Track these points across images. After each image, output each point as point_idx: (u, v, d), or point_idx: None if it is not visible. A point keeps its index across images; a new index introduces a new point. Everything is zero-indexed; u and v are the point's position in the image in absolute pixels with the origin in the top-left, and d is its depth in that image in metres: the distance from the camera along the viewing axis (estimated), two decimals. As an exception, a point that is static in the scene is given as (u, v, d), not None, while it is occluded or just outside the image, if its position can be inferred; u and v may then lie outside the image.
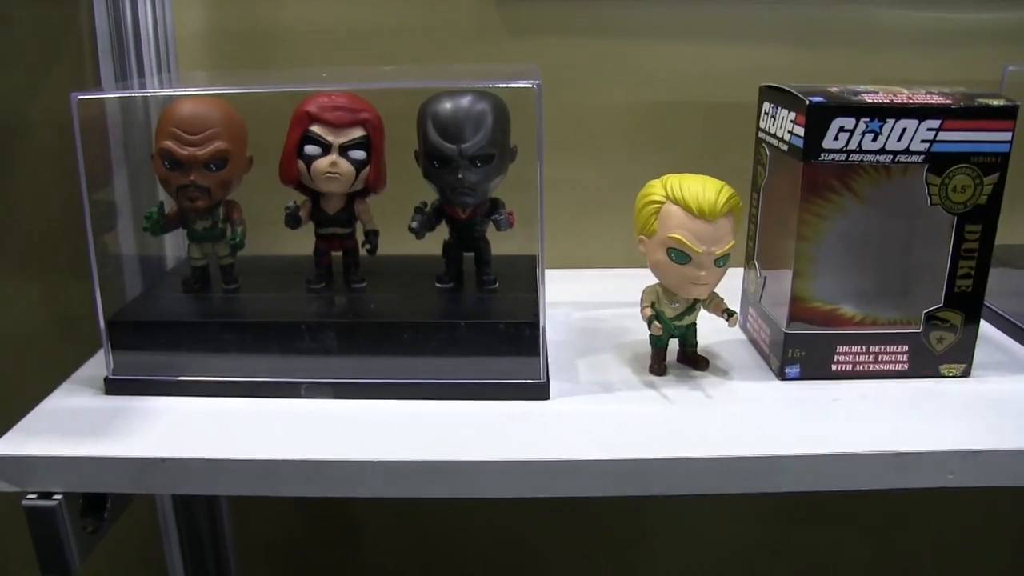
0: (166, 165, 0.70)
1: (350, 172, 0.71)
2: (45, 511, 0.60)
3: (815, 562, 1.17)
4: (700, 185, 0.66)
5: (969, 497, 1.11)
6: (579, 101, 0.94)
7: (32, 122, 0.94)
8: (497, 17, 0.91)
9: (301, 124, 0.70)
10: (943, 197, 0.66)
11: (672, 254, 0.66)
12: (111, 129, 0.79)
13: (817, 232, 0.68)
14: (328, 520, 1.14)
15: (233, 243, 0.74)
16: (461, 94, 0.69)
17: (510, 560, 1.16)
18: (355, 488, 0.60)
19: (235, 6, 0.91)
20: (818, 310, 0.69)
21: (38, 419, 0.65)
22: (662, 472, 0.60)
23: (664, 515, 1.13)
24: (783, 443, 0.61)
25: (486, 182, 0.70)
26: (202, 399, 0.68)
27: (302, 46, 0.92)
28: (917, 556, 1.16)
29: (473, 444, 0.61)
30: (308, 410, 0.67)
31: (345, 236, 0.75)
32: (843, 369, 0.70)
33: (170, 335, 0.69)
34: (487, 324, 0.68)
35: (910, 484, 0.60)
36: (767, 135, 0.73)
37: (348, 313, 0.72)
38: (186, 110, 0.69)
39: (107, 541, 1.04)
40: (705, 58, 0.93)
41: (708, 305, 0.70)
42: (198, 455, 0.60)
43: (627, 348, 0.76)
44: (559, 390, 0.69)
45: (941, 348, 0.70)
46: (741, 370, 0.73)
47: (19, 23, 0.91)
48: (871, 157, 0.65)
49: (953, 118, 0.64)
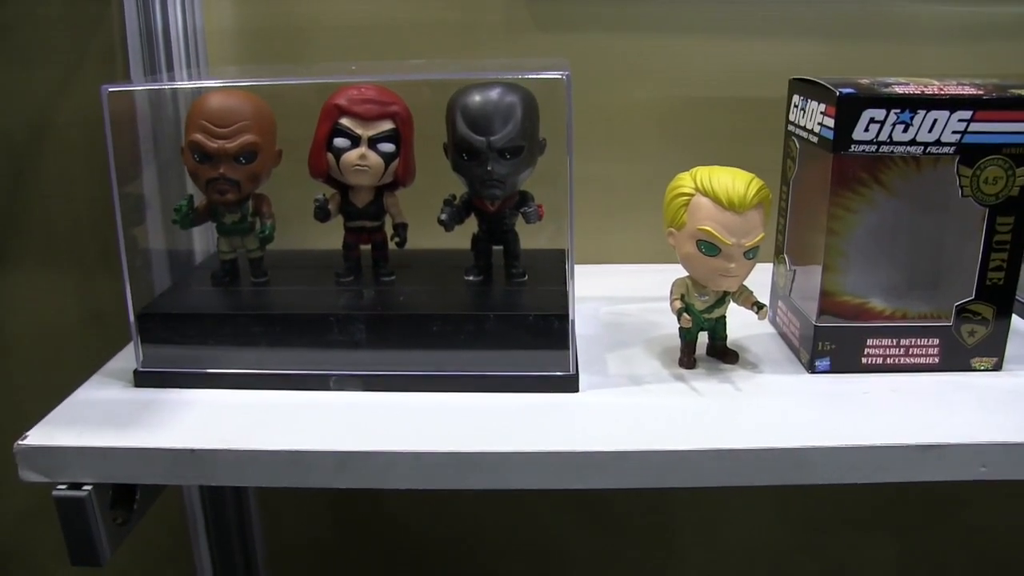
0: (195, 158, 0.70)
1: (379, 165, 0.71)
2: (75, 502, 0.61)
3: (841, 562, 1.16)
4: (730, 177, 0.66)
5: (998, 496, 1.10)
6: (609, 97, 0.94)
7: (63, 118, 0.95)
8: (527, 13, 0.91)
9: (330, 117, 0.70)
10: (975, 189, 0.65)
11: (702, 246, 0.66)
12: (141, 124, 0.79)
13: (847, 225, 0.67)
14: (356, 519, 1.14)
15: (262, 236, 0.74)
16: (490, 86, 0.69)
17: (535, 558, 1.16)
18: (383, 480, 0.60)
19: (264, 2, 0.92)
20: (848, 304, 0.69)
21: (68, 411, 0.66)
22: (690, 464, 0.60)
23: (689, 513, 1.12)
24: (811, 435, 0.60)
25: (515, 175, 0.70)
26: (231, 391, 0.68)
27: (331, 42, 0.92)
28: (944, 555, 1.15)
29: (502, 436, 0.61)
30: (337, 402, 0.67)
31: (374, 229, 0.75)
32: (873, 362, 0.70)
33: (199, 328, 0.70)
34: (516, 316, 0.68)
35: (941, 477, 0.60)
36: (797, 128, 0.73)
37: (377, 305, 0.73)
38: (215, 103, 0.69)
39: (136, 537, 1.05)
40: (736, 53, 0.93)
41: (738, 298, 0.70)
42: (226, 446, 0.60)
43: (656, 342, 0.76)
44: (588, 383, 0.69)
45: (972, 341, 0.69)
46: (771, 363, 0.72)
47: (51, 21, 0.92)
48: (901, 149, 0.65)
49: (985, 109, 0.64)
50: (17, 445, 0.61)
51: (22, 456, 0.61)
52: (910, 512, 1.12)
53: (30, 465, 0.61)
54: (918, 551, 1.15)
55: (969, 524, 1.13)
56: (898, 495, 1.11)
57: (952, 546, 1.15)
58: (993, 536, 1.14)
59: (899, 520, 1.13)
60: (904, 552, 1.15)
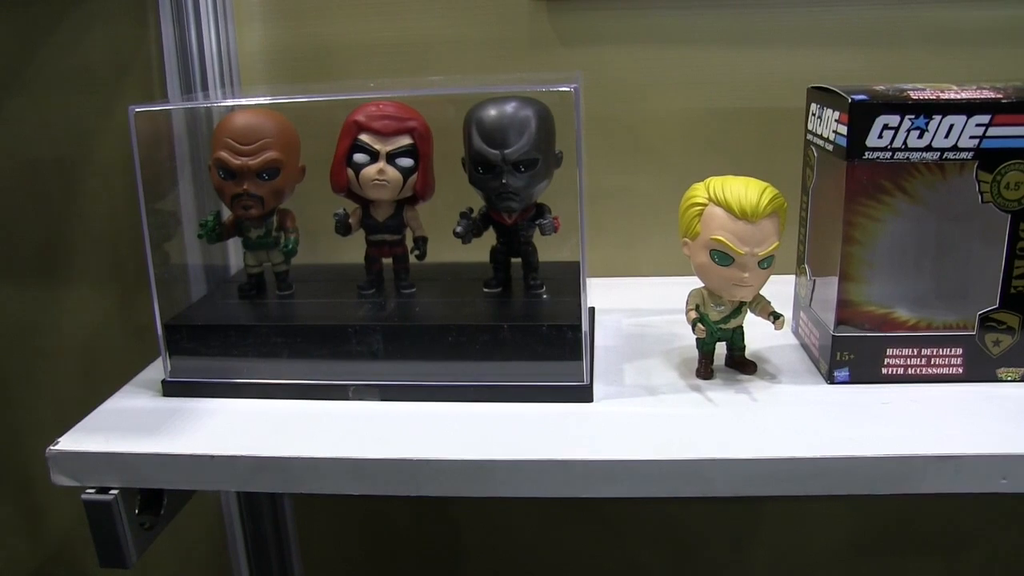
0: (221, 175, 0.72)
1: (397, 179, 0.72)
2: (102, 505, 0.63)
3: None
4: (743, 186, 0.66)
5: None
6: (632, 109, 0.95)
7: (105, 138, 0.98)
8: (549, 28, 0.92)
9: (350, 133, 0.72)
10: (995, 194, 0.64)
11: (715, 256, 0.66)
12: (178, 143, 0.82)
13: (869, 235, 0.66)
14: (390, 534, 1.15)
15: (286, 250, 0.76)
16: (505, 100, 0.70)
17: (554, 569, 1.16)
18: (399, 487, 0.61)
19: (295, 24, 0.94)
20: (872, 314, 0.68)
21: (97, 419, 0.68)
22: (701, 473, 0.59)
23: (713, 528, 1.11)
24: (825, 445, 0.60)
25: (530, 187, 0.71)
26: (254, 401, 0.70)
27: (359, 60, 0.94)
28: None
29: (515, 444, 0.62)
30: (356, 411, 0.68)
31: (394, 243, 0.76)
32: (894, 372, 0.69)
33: (224, 339, 0.71)
34: (530, 327, 0.69)
35: (960, 489, 0.59)
36: (814, 136, 0.72)
37: (394, 317, 0.74)
38: (239, 121, 0.72)
39: (176, 544, 1.07)
40: (760, 63, 0.93)
41: (755, 308, 0.70)
42: (245, 453, 0.62)
43: (675, 353, 0.76)
44: (604, 392, 0.69)
45: (998, 351, 0.68)
46: (790, 374, 0.72)
47: (92, 43, 0.95)
48: (917, 155, 0.64)
49: (1004, 112, 0.63)
50: (49, 450, 0.64)
51: (53, 461, 0.64)
52: (948, 532, 1.09)
53: (60, 469, 0.64)
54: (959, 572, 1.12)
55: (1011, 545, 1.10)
56: (936, 516, 1.09)
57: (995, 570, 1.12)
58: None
59: (937, 542, 1.10)
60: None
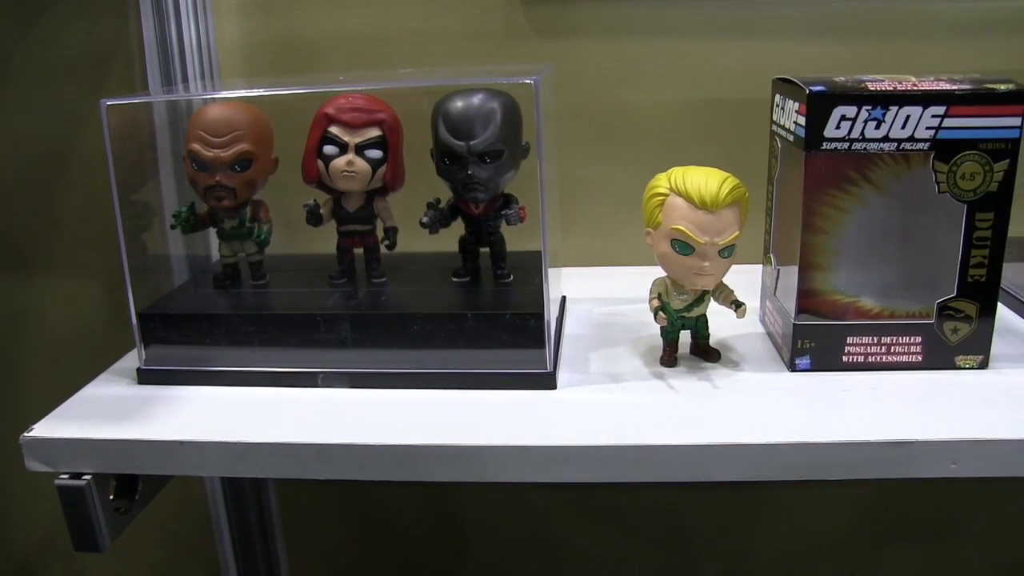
0: (194, 166, 0.73)
1: (366, 170, 0.73)
2: (74, 490, 0.64)
3: (851, 570, 1.15)
4: (703, 176, 0.66)
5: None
6: (607, 101, 0.95)
7: (87, 130, 0.99)
8: (524, 20, 0.93)
9: (320, 125, 0.73)
10: (951, 185, 0.65)
11: (676, 245, 0.67)
12: (159, 135, 0.83)
13: (835, 224, 0.67)
14: (373, 522, 1.17)
15: (259, 241, 0.78)
16: (472, 92, 0.71)
17: (543, 558, 1.17)
18: (365, 471, 0.63)
19: (272, 18, 0.95)
20: (838, 302, 0.69)
21: (71, 407, 0.70)
22: (657, 459, 0.60)
23: (701, 516, 1.12)
24: (782, 431, 0.61)
25: (496, 178, 0.72)
26: (226, 388, 0.71)
27: (338, 53, 0.95)
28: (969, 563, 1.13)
29: (477, 431, 0.63)
30: (324, 398, 0.69)
31: (365, 233, 0.78)
32: (855, 360, 0.70)
33: (197, 328, 0.73)
34: (494, 315, 0.70)
35: (911, 474, 0.60)
36: (778, 127, 0.73)
37: (363, 306, 0.75)
38: (212, 114, 0.73)
39: (161, 529, 1.08)
40: (734, 55, 0.93)
41: (718, 296, 0.71)
42: (213, 438, 0.63)
43: (642, 342, 0.77)
44: (567, 380, 0.70)
45: (956, 339, 0.69)
46: (753, 362, 0.73)
47: (74, 36, 0.97)
48: (875, 146, 0.65)
49: (958, 104, 0.63)
50: (23, 437, 0.65)
51: (27, 447, 0.65)
52: (934, 519, 1.11)
53: (35, 456, 0.65)
54: (944, 559, 1.13)
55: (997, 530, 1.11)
56: (922, 503, 1.09)
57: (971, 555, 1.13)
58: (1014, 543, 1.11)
59: (913, 527, 1.11)
60: (928, 561, 1.13)
